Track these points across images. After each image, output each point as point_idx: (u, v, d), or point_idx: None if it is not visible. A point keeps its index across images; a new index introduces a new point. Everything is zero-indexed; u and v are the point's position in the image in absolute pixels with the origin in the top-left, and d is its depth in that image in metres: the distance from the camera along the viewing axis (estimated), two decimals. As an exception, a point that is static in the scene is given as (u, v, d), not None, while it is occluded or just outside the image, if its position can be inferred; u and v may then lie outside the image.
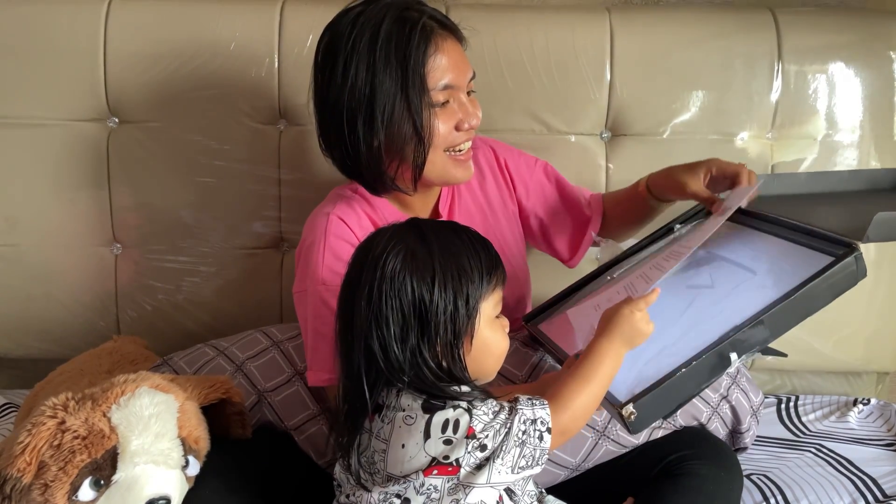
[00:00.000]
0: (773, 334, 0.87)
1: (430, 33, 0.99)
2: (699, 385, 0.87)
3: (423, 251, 0.80)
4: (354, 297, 0.80)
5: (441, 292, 0.78)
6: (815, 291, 0.86)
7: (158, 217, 1.38)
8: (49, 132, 1.35)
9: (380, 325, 0.78)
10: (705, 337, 0.87)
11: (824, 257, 0.90)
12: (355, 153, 1.01)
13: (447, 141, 1.02)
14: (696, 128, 1.37)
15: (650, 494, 1.00)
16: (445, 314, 0.79)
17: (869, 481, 1.15)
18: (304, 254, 1.05)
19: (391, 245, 0.80)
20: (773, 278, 0.92)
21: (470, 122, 1.02)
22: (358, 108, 0.98)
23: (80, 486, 0.86)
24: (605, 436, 1.06)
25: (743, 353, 0.86)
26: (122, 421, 0.88)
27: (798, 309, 0.87)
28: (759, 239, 1.02)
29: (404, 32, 0.97)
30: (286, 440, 1.10)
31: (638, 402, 0.83)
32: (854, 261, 0.87)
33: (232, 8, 1.35)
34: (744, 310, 0.88)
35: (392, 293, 0.78)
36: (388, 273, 0.78)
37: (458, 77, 1.01)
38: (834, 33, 1.37)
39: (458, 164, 1.05)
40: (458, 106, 1.02)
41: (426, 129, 0.99)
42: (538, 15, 1.38)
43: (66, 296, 1.40)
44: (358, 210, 1.07)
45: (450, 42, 1.02)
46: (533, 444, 0.78)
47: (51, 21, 1.33)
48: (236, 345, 1.18)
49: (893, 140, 1.38)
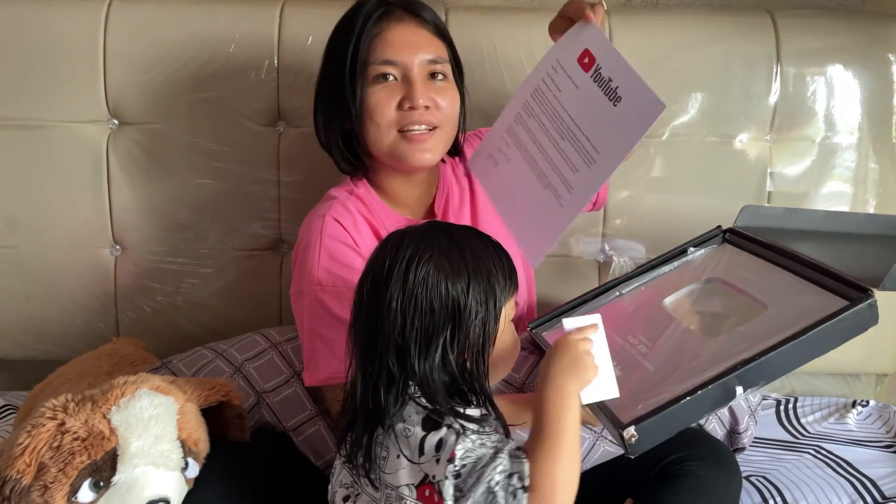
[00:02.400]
0: (780, 372, 0.87)
1: (387, 12, 1.04)
2: (702, 414, 0.87)
3: (455, 254, 0.79)
4: (380, 299, 0.78)
5: (475, 295, 0.78)
6: (826, 334, 0.85)
7: (158, 219, 1.38)
8: (49, 134, 1.35)
9: (409, 329, 0.76)
10: (711, 367, 0.87)
11: (838, 300, 0.88)
12: (326, 137, 1.10)
13: (389, 117, 1.04)
14: (694, 130, 1.37)
15: (649, 495, 1.00)
16: (477, 318, 0.78)
17: (868, 483, 1.15)
18: (300, 255, 1.06)
19: (422, 248, 0.78)
20: (784, 315, 0.91)
21: (413, 101, 1.03)
22: (320, 80, 1.10)
23: (79, 487, 0.86)
24: (603, 437, 1.06)
25: (749, 387, 0.85)
26: (122, 422, 0.88)
27: (807, 349, 0.86)
28: (774, 273, 1.01)
29: (363, 8, 1.04)
30: (285, 441, 1.10)
31: (640, 426, 0.82)
32: (867, 308, 0.85)
33: (232, 10, 1.35)
34: (753, 344, 0.87)
35: (425, 296, 0.76)
36: (420, 276, 0.77)
37: (404, 55, 1.03)
38: (832, 36, 1.38)
39: (410, 145, 1.05)
40: (404, 84, 1.04)
41: (357, 101, 1.03)
42: (537, 17, 1.37)
43: (66, 297, 1.40)
44: (353, 211, 1.08)
45: (406, 23, 1.05)
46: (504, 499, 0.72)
47: (51, 23, 1.33)
48: (235, 346, 1.19)
49: (892, 142, 1.38)
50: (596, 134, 0.98)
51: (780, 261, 1.02)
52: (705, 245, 1.13)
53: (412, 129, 1.04)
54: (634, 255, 1.38)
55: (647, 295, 1.09)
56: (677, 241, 1.37)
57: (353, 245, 1.04)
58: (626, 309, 1.09)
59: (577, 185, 1.01)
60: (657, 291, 1.09)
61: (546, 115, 1.01)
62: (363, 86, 1.03)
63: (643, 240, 1.38)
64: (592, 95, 0.99)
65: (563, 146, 1.02)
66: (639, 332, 1.00)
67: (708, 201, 1.38)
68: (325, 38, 1.22)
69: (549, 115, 1.02)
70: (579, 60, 1.01)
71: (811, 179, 1.38)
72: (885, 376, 1.52)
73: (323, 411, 1.11)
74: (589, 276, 1.41)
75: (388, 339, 0.77)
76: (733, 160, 1.38)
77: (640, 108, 0.94)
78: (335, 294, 1.01)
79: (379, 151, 1.06)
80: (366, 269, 0.82)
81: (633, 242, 1.39)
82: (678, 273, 1.11)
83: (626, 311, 1.08)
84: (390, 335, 0.77)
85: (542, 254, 1.04)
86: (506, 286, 0.81)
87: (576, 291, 1.39)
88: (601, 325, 0.84)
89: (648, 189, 1.38)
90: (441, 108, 1.06)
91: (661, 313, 1.04)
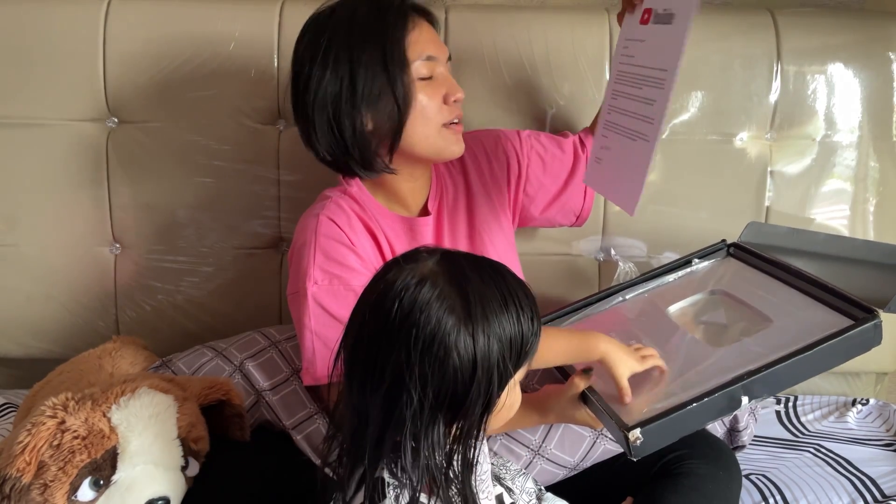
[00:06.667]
0: (785, 385, 0.88)
1: (406, 13, 1.03)
2: (706, 421, 0.88)
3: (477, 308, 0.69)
4: (381, 344, 0.69)
5: (495, 354, 0.70)
6: (831, 351, 0.87)
7: (158, 217, 1.38)
8: (48, 132, 1.35)
9: (411, 384, 0.68)
10: (718, 376, 0.88)
11: (843, 318, 0.90)
12: (342, 139, 1.02)
13: (440, 114, 1.04)
14: (695, 128, 1.37)
15: (649, 494, 1.00)
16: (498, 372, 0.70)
17: (868, 481, 1.15)
18: (296, 255, 1.06)
19: (437, 293, 0.69)
20: (790, 330, 0.93)
21: (455, 94, 1.04)
22: (340, 91, 1.00)
23: (79, 486, 0.86)
24: (604, 434, 1.06)
25: (753, 397, 0.86)
26: (122, 421, 0.88)
27: (812, 365, 0.88)
28: (779, 288, 1.03)
29: (379, 14, 1.01)
30: (284, 440, 1.10)
31: (645, 429, 0.83)
32: (873, 328, 0.87)
33: (231, 8, 1.35)
34: (759, 356, 0.89)
35: (439, 352, 0.68)
36: (436, 330, 0.68)
37: (438, 52, 1.04)
38: (833, 34, 1.37)
39: (454, 136, 1.06)
40: (443, 80, 1.05)
41: (408, 101, 1.01)
42: (537, 15, 1.38)
43: (66, 296, 1.40)
44: (347, 210, 1.08)
45: (425, 24, 1.05)
46: None
47: (50, 21, 1.33)
48: (235, 345, 1.19)
49: (892, 140, 1.38)
50: (661, 59, 0.97)
51: (784, 277, 1.03)
52: (709, 257, 1.15)
53: (454, 122, 1.06)
54: (635, 253, 1.38)
55: (651, 302, 1.10)
56: (677, 240, 1.38)
57: (348, 243, 1.04)
58: (629, 314, 1.10)
59: (654, 114, 0.97)
60: (661, 300, 1.10)
61: (630, 84, 0.99)
62: (412, 85, 1.01)
63: (643, 238, 1.38)
64: (655, 34, 0.99)
65: (642, 93, 0.98)
66: (643, 337, 1.01)
67: (708, 200, 1.38)
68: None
69: (633, 82, 1.00)
70: (641, 21, 1.01)
71: (811, 178, 1.38)
72: (885, 375, 1.52)
73: (322, 410, 1.11)
74: (589, 275, 1.41)
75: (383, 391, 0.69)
76: (733, 159, 1.38)
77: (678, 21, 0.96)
78: (331, 293, 1.01)
79: (425, 148, 1.05)
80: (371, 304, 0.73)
81: (634, 241, 1.39)
82: (682, 283, 1.13)
83: (629, 317, 1.09)
84: (392, 387, 0.69)
85: (636, 200, 0.97)
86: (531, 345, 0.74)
87: (576, 290, 1.40)
88: None
89: (648, 187, 1.36)
90: None
91: (665, 321, 1.05)
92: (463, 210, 1.18)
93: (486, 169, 1.20)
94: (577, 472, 1.08)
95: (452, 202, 1.17)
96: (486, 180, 1.20)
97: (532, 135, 1.24)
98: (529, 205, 1.24)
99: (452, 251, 0.76)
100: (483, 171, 1.20)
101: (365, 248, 1.06)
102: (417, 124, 1.03)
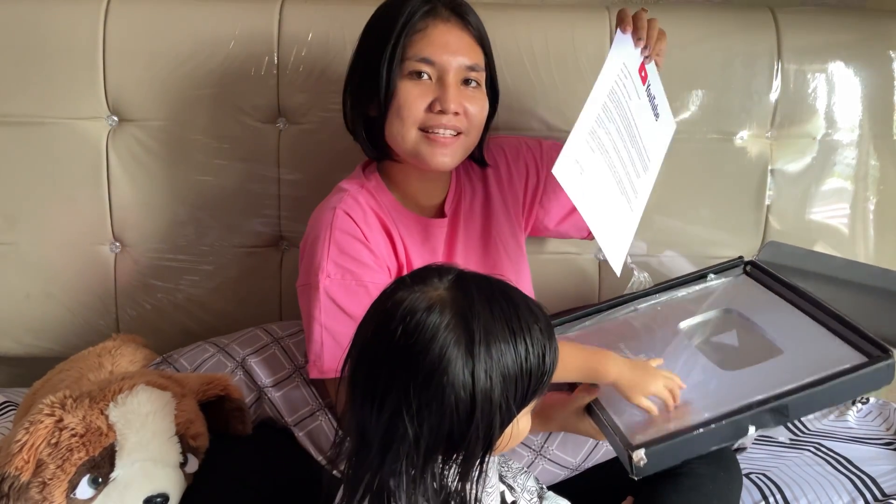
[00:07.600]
0: (792, 417, 0.87)
1: (433, 9, 1.03)
2: (710, 446, 0.86)
3: (481, 345, 0.67)
4: (382, 369, 0.68)
5: (497, 394, 0.67)
6: (842, 387, 0.86)
7: (158, 215, 1.38)
8: (48, 130, 1.35)
9: (408, 419, 0.65)
10: (726, 402, 0.87)
11: (857, 354, 0.89)
12: (346, 112, 1.10)
13: (415, 116, 1.02)
14: (695, 127, 1.36)
15: (649, 493, 1.00)
16: (500, 414, 0.68)
17: (868, 480, 1.15)
18: (309, 248, 1.06)
19: (443, 324, 0.67)
20: (802, 361, 0.91)
21: (444, 104, 1.01)
22: (353, 63, 1.09)
23: (78, 483, 0.86)
24: (606, 438, 1.06)
25: (760, 427, 0.86)
26: (120, 418, 0.88)
27: (821, 399, 0.87)
28: (794, 316, 1.00)
29: (406, 3, 1.02)
30: (285, 437, 1.10)
31: (650, 450, 0.83)
32: (886, 368, 0.86)
33: (231, 6, 1.35)
34: (769, 386, 0.87)
35: (437, 387, 0.65)
36: (437, 363, 0.65)
37: (443, 56, 1.02)
38: (833, 32, 1.37)
39: (431, 147, 1.03)
40: (439, 86, 1.02)
41: (387, 93, 1.01)
42: (538, 14, 1.38)
43: (66, 294, 1.40)
44: (363, 205, 1.07)
45: (451, 26, 1.04)
46: None
47: (50, 19, 1.33)
48: (236, 341, 1.19)
49: (893, 139, 1.38)
50: (648, 143, 1.06)
51: (800, 304, 1.01)
52: (725, 273, 1.13)
53: (437, 132, 1.03)
54: (635, 251, 1.38)
55: (663, 315, 1.09)
56: (677, 239, 1.38)
57: (362, 239, 1.04)
58: (640, 325, 1.09)
59: (640, 189, 1.05)
60: (673, 313, 1.08)
61: (621, 119, 1.00)
62: (396, 79, 1.01)
63: (644, 237, 1.38)
64: (646, 107, 1.06)
65: (632, 152, 1.02)
66: (652, 352, 1.00)
67: (708, 199, 1.38)
68: (325, 35, 1.22)
69: (624, 120, 1.01)
70: (639, 71, 1.03)
71: (812, 176, 1.38)
72: (886, 374, 1.52)
73: (327, 405, 1.11)
74: (589, 274, 1.41)
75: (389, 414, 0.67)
76: (734, 157, 1.38)
77: (666, 125, 1.10)
78: (343, 287, 1.01)
79: (398, 147, 1.05)
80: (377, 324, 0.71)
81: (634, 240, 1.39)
82: (696, 298, 1.11)
83: (639, 328, 1.08)
84: (396, 413, 0.67)
85: (621, 261, 1.01)
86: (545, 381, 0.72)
87: (576, 290, 1.39)
88: None
89: (649, 186, 1.38)
90: (470, 115, 1.04)
91: (676, 337, 1.04)
92: (479, 216, 1.17)
93: (506, 176, 1.20)
94: (579, 472, 1.08)
95: (469, 207, 1.17)
96: (504, 188, 1.19)
97: (554, 146, 1.22)
98: (544, 217, 1.23)
99: (466, 274, 0.73)
100: (502, 178, 1.20)
101: (379, 244, 1.06)
102: (394, 121, 1.03)
